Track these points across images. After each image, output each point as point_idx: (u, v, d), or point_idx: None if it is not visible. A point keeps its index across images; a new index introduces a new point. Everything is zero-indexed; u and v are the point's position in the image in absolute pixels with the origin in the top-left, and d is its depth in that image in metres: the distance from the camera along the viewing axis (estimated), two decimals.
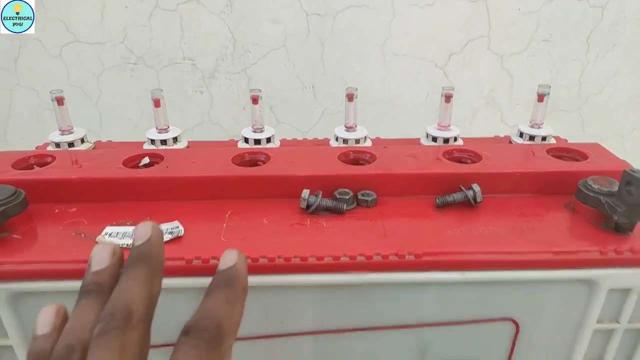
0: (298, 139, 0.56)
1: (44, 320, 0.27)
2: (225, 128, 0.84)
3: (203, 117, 0.83)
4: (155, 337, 0.28)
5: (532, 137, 0.51)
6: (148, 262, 0.28)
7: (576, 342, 0.41)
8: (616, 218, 0.37)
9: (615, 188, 0.38)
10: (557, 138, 0.54)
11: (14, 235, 0.37)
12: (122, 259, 0.29)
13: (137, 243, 0.28)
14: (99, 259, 0.28)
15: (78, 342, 0.25)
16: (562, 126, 0.84)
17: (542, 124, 0.51)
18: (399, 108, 0.82)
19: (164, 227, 0.38)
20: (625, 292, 0.38)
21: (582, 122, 0.83)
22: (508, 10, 0.76)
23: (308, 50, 0.78)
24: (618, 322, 0.40)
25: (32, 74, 0.79)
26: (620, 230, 0.38)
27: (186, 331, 0.25)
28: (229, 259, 0.29)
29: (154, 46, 0.77)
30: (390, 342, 0.40)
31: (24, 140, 0.85)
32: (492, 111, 0.82)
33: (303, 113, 0.82)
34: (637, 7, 0.74)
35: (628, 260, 0.36)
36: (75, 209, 0.40)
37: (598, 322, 0.40)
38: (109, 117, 0.82)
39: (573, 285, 0.38)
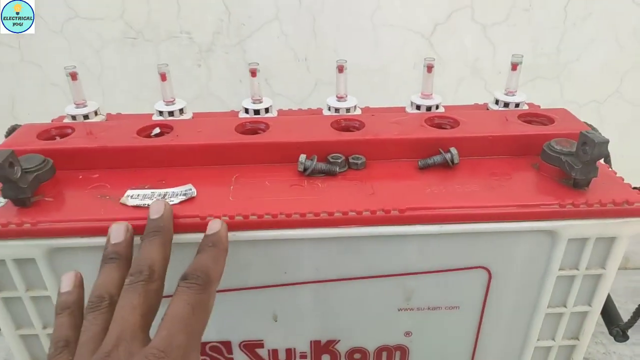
0: (293, 109, 0.61)
1: (66, 281, 0.36)
2: (223, 99, 0.87)
3: (202, 90, 0.86)
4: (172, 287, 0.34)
5: (506, 104, 0.55)
6: (163, 232, 0.37)
7: (542, 288, 0.45)
8: (574, 175, 0.41)
9: (574, 149, 0.42)
10: (530, 105, 0.58)
11: (46, 198, 0.42)
12: (133, 234, 0.38)
13: (153, 217, 0.37)
14: (116, 235, 0.37)
15: (106, 293, 0.34)
16: (542, 93, 0.88)
17: (516, 91, 0.56)
18: (388, 77, 0.86)
19: (179, 189, 0.43)
20: (583, 241, 0.43)
21: (560, 88, 0.87)
22: None
23: (300, 22, 0.81)
24: (577, 269, 0.44)
25: (36, 50, 0.82)
26: (578, 185, 0.42)
27: (184, 277, 0.34)
28: (214, 226, 0.38)
29: (152, 20, 0.80)
30: (378, 289, 0.45)
31: (30, 115, 0.88)
32: (476, 80, 0.86)
33: (297, 84, 0.86)
34: None
35: (584, 212, 0.41)
36: (97, 175, 0.45)
37: (560, 269, 0.44)
38: (111, 90, 0.85)
39: (537, 236, 0.42)
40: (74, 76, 0.51)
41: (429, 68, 0.54)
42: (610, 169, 0.46)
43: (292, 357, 0.49)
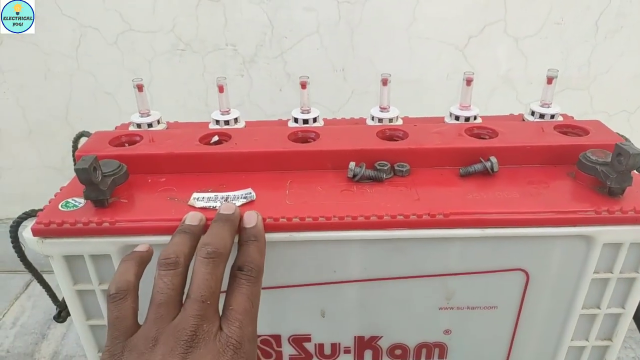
0: (329, 118, 0.64)
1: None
2: (263, 108, 0.92)
3: (243, 98, 0.91)
4: None
5: (542, 115, 0.58)
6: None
7: (577, 290, 0.47)
8: (609, 183, 0.44)
9: (609, 159, 0.44)
10: (564, 116, 0.60)
11: (122, 200, 0.46)
12: (206, 225, 0.41)
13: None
14: (192, 218, 0.41)
15: (182, 255, 0.38)
16: (572, 103, 0.90)
17: (551, 103, 0.58)
18: (422, 87, 0.90)
19: (240, 193, 0.46)
20: (617, 246, 0.45)
21: (590, 99, 0.89)
22: None
23: (339, 35, 0.85)
24: (612, 273, 0.46)
25: (91, 60, 0.88)
26: (613, 194, 0.44)
27: (239, 268, 0.38)
28: (251, 220, 0.42)
29: (200, 34, 0.85)
30: (421, 289, 0.47)
31: (83, 120, 0.94)
32: (508, 90, 0.89)
33: (334, 94, 0.90)
34: None
35: (618, 218, 0.43)
36: (164, 179, 0.49)
37: (595, 272, 0.46)
38: (159, 98, 0.90)
39: (573, 240, 0.44)
40: (140, 88, 0.55)
41: (468, 81, 0.57)
42: None
43: (336, 351, 0.52)
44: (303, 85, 0.57)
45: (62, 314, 0.56)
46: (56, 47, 0.86)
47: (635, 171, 0.47)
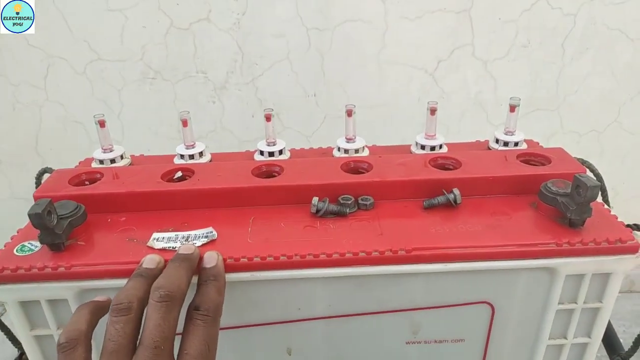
0: (303, 146, 0.64)
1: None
2: (236, 134, 0.91)
3: (216, 125, 0.91)
4: None
5: (506, 143, 0.58)
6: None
7: (543, 321, 0.47)
8: (569, 215, 0.44)
9: (569, 190, 0.45)
10: (529, 142, 0.61)
11: (79, 242, 0.45)
12: (164, 267, 0.41)
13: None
14: (150, 261, 0.41)
15: (134, 299, 0.37)
16: (543, 124, 0.91)
17: (515, 131, 0.59)
18: (394, 111, 0.90)
19: (201, 232, 0.46)
20: (580, 277, 0.45)
21: (560, 119, 0.91)
22: (489, 20, 0.83)
23: (309, 61, 0.85)
24: (576, 303, 0.46)
25: (60, 89, 0.87)
26: (574, 225, 0.45)
27: (197, 307, 0.38)
28: (211, 259, 0.41)
29: (170, 62, 0.84)
30: (387, 324, 0.47)
31: (53, 150, 0.92)
32: (478, 111, 0.90)
33: (306, 119, 0.90)
34: (605, 14, 0.81)
35: (579, 250, 0.43)
36: (124, 218, 0.48)
37: (559, 303, 0.46)
38: (131, 127, 0.89)
39: (537, 272, 0.44)
40: (102, 124, 0.55)
41: (432, 111, 0.57)
42: (605, 207, 0.49)
43: None
44: (267, 118, 0.57)
45: (23, 357, 0.54)
46: (24, 77, 0.85)
47: (599, 199, 0.47)
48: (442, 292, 0.45)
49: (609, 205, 0.54)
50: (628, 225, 0.46)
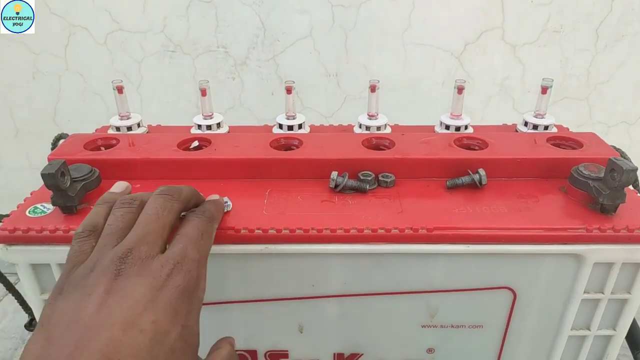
0: (323, 124, 0.62)
1: (118, 186, 0.42)
2: (255, 112, 0.90)
3: (234, 102, 0.89)
4: (210, 295, 0.36)
5: (535, 126, 0.56)
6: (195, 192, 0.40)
7: (566, 310, 0.45)
8: (601, 200, 0.42)
9: (602, 174, 0.43)
10: (559, 127, 0.59)
11: (92, 206, 0.44)
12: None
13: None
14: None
15: (138, 197, 0.37)
16: (570, 113, 0.88)
17: (545, 114, 0.56)
18: (417, 94, 0.88)
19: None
20: (609, 265, 0.43)
21: (589, 109, 0.87)
22: (521, 2, 0.80)
23: (333, 39, 0.83)
24: (602, 293, 0.44)
25: (80, 60, 0.86)
26: (605, 211, 0.43)
27: (193, 211, 0.38)
28: (216, 196, 0.42)
29: (190, 35, 0.83)
30: (403, 305, 0.46)
31: (71, 121, 0.92)
32: (504, 98, 0.87)
33: (327, 99, 0.88)
34: None
35: (610, 237, 0.41)
36: (139, 185, 0.47)
37: (585, 292, 0.44)
38: (149, 100, 0.89)
39: (563, 259, 0.42)
40: (120, 89, 0.54)
41: (460, 90, 0.55)
42: (638, 195, 0.47)
43: None
44: (288, 91, 0.55)
45: (33, 322, 0.54)
46: (45, 46, 0.85)
47: (630, 187, 0.45)
48: (463, 275, 0.44)
49: None
50: None
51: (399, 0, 0.80)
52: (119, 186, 0.42)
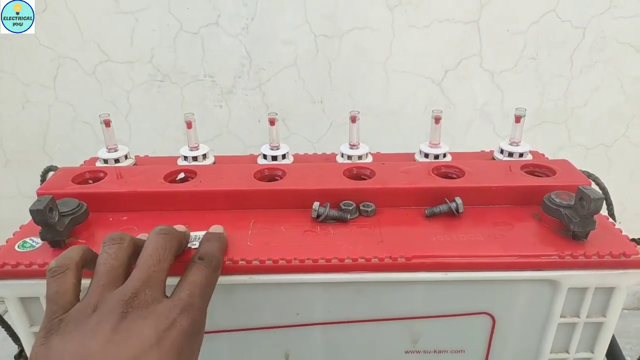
0: (308, 152, 0.64)
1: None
2: (242, 139, 0.92)
3: (222, 129, 0.91)
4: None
5: (510, 154, 0.58)
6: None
7: (545, 334, 0.46)
8: (572, 227, 0.43)
9: (573, 202, 0.44)
10: (535, 153, 0.60)
11: (80, 240, 0.45)
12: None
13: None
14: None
15: (127, 236, 0.37)
16: (550, 136, 0.91)
17: (520, 141, 0.58)
18: (400, 119, 0.90)
19: (201, 233, 0.46)
20: (583, 290, 0.44)
21: (568, 132, 0.90)
22: (498, 31, 0.83)
23: (317, 68, 0.85)
24: (578, 317, 0.46)
25: (69, 90, 0.88)
26: (577, 237, 0.44)
27: (200, 257, 0.38)
28: (216, 228, 0.43)
29: (178, 65, 0.85)
30: (386, 332, 0.46)
31: (60, 150, 0.93)
32: (485, 122, 0.89)
33: (312, 125, 0.90)
34: (615, 28, 0.81)
35: (582, 263, 0.43)
36: (126, 218, 0.48)
37: (561, 316, 0.45)
38: (138, 129, 0.90)
39: (538, 284, 0.44)
40: (107, 123, 0.55)
41: (437, 119, 0.57)
42: (610, 220, 0.48)
43: None
44: (271, 122, 0.57)
45: (22, 353, 0.55)
46: (34, 77, 0.86)
47: (603, 211, 0.47)
48: (442, 301, 0.45)
49: (614, 219, 0.54)
50: (633, 240, 0.46)
51: (380, 30, 0.83)
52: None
